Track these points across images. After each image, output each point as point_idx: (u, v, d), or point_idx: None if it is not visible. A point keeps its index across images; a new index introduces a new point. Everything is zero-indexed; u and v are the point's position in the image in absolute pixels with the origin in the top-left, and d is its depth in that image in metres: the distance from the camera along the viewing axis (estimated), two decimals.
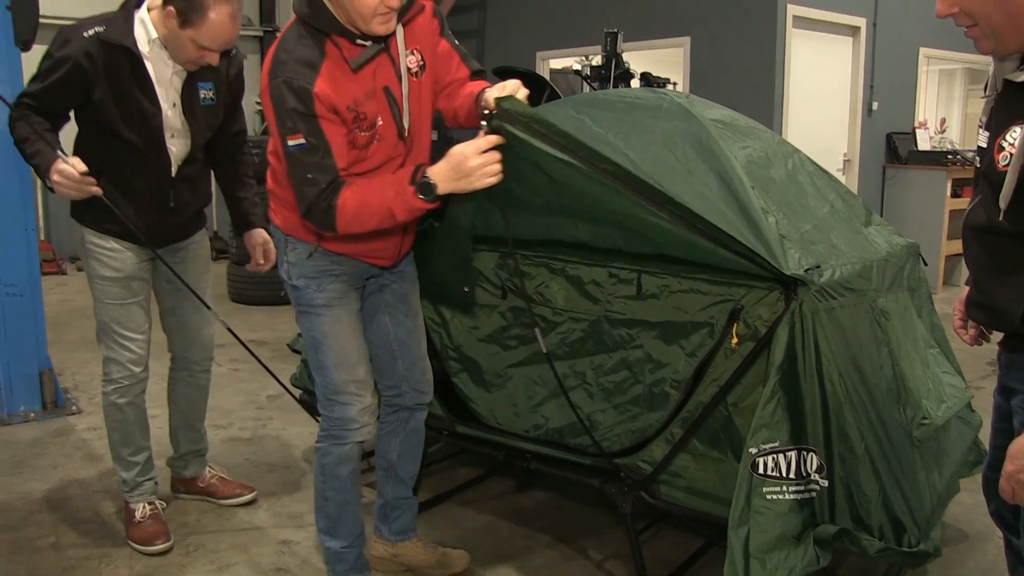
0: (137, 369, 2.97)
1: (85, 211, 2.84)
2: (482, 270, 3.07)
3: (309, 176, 2.16)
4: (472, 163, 2.08)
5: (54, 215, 8.72)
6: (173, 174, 2.87)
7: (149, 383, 3.04)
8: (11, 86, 3.93)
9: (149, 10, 2.69)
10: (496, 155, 2.11)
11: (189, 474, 3.38)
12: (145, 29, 2.69)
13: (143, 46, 2.69)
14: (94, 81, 2.65)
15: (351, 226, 2.22)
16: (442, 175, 2.12)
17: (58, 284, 7.85)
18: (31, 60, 4.11)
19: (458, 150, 2.10)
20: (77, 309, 6.73)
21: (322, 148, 2.16)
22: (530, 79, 7.57)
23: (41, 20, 4.02)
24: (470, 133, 2.17)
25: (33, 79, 2.72)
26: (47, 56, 2.67)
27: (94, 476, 3.59)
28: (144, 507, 3.06)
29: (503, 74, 7.75)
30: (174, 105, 2.79)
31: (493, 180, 2.12)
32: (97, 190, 2.66)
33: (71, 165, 2.57)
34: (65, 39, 2.64)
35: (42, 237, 8.43)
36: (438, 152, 2.26)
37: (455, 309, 3.14)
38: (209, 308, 3.11)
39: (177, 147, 2.85)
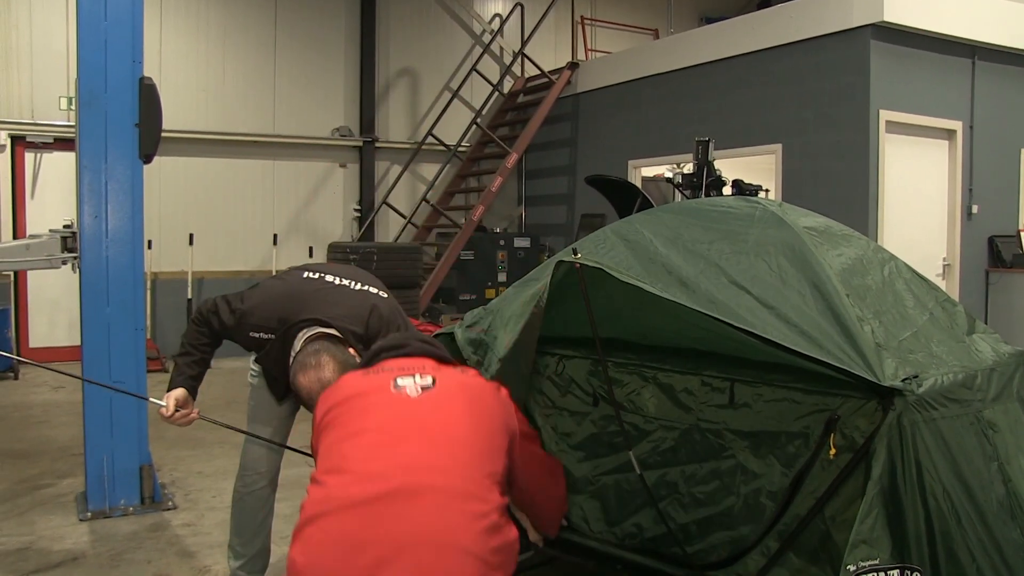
0: (259, 466, 3.10)
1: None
2: (574, 377, 3.08)
3: None
4: None
5: (161, 315, 9.12)
6: None
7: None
8: (131, 195, 4.26)
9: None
10: None
11: None
12: None
13: None
14: None
15: None
16: None
17: (160, 382, 7.95)
18: (149, 170, 4.41)
19: None
20: None
21: None
22: (622, 187, 7.69)
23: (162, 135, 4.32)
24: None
25: (205, 306, 2.96)
26: (198, 312, 2.95)
27: (186, 573, 3.65)
28: None
29: (595, 183, 7.90)
30: None
31: None
32: (191, 420, 2.86)
33: (165, 407, 2.81)
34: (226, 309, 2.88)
35: (148, 336, 8.79)
36: None
37: (547, 416, 3.14)
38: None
39: None
